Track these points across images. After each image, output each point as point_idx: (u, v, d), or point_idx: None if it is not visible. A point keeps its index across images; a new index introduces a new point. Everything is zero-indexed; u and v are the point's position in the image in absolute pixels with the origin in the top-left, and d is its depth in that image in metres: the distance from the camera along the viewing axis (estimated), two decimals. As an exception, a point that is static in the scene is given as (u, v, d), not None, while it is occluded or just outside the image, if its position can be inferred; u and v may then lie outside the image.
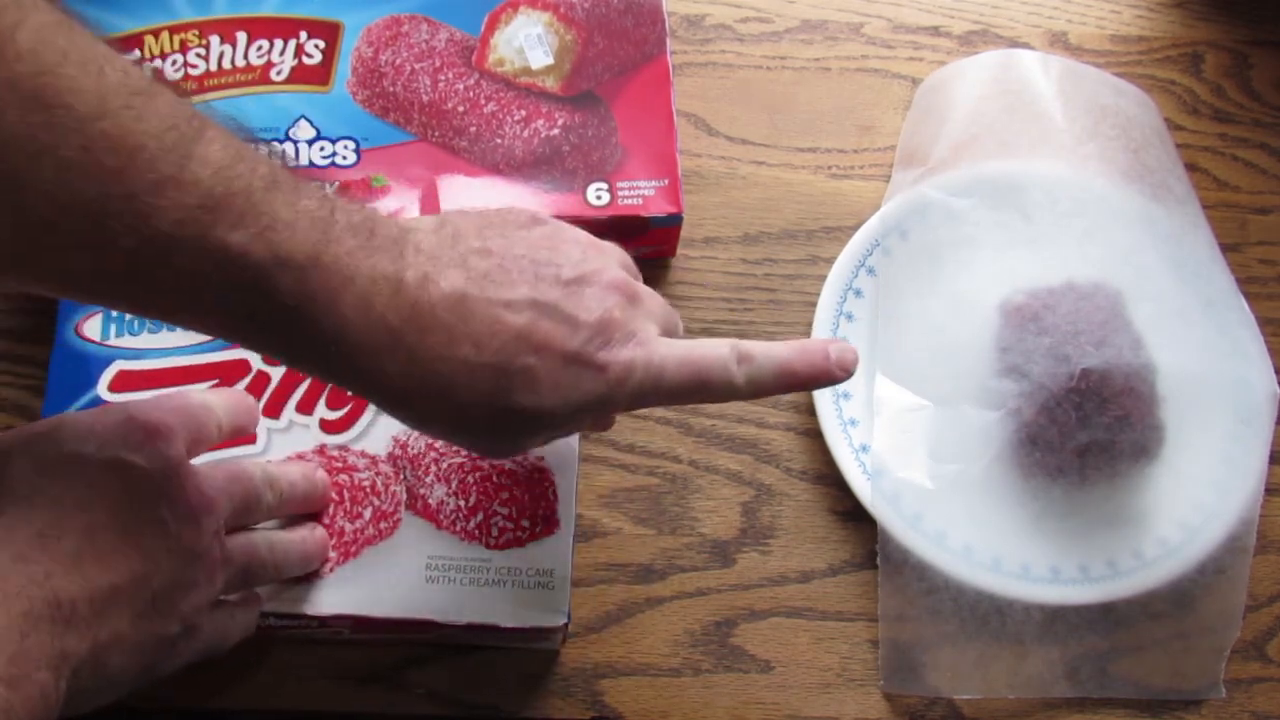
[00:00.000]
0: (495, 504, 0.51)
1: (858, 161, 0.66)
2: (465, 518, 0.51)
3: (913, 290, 0.61)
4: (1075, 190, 0.62)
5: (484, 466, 0.52)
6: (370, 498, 0.51)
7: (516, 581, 0.50)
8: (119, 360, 0.53)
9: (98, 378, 0.52)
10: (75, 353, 0.53)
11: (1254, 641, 0.58)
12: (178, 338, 0.53)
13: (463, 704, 0.54)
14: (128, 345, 0.53)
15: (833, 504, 0.59)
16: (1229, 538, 0.57)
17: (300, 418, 0.52)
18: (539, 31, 0.62)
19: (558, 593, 0.50)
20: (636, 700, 0.55)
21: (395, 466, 0.52)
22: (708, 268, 0.63)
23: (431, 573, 0.50)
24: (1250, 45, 0.70)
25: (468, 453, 0.52)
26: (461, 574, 0.50)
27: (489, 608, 0.50)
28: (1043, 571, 0.56)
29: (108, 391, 0.52)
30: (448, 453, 0.52)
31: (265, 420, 0.52)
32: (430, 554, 0.50)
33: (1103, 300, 0.57)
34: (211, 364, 0.53)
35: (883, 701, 0.56)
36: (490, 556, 0.50)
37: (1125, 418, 0.55)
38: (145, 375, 0.52)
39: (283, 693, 0.54)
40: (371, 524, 0.50)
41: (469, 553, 0.50)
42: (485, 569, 0.50)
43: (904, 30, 0.69)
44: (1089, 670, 0.56)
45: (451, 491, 0.51)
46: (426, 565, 0.50)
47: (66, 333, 0.53)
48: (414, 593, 0.49)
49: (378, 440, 0.52)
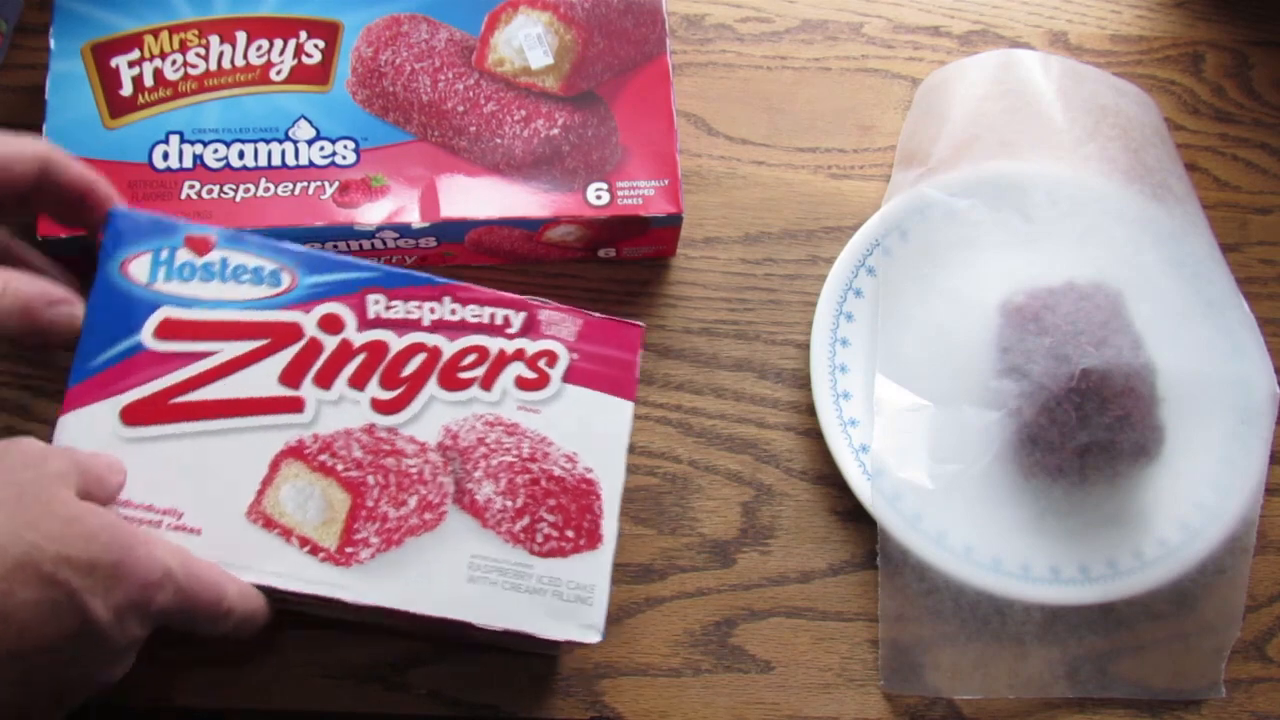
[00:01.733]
0: (543, 510, 0.50)
1: (858, 161, 0.66)
2: (512, 519, 0.50)
3: (913, 290, 0.61)
4: (1075, 190, 0.62)
5: (533, 470, 0.51)
6: (416, 485, 0.49)
7: (556, 592, 0.49)
8: (166, 306, 0.48)
9: (142, 323, 0.48)
10: (118, 293, 0.48)
11: (1254, 641, 0.58)
12: (230, 290, 0.49)
13: (463, 704, 0.54)
14: (176, 291, 0.49)
15: (833, 504, 0.59)
16: (1229, 538, 0.57)
17: (351, 392, 0.49)
18: (539, 31, 0.62)
19: (595, 609, 0.49)
20: (636, 700, 0.55)
21: (445, 457, 0.50)
22: (708, 268, 0.63)
23: (474, 572, 0.49)
24: (1250, 45, 0.70)
25: (518, 451, 0.51)
26: (504, 577, 0.49)
27: (528, 616, 0.49)
28: (1043, 571, 0.56)
29: (153, 339, 0.48)
30: (498, 449, 0.51)
31: (315, 390, 0.49)
32: (474, 553, 0.49)
33: (1103, 300, 0.57)
34: (262, 323, 0.49)
35: (883, 701, 0.56)
36: (533, 563, 0.49)
37: (1125, 418, 0.55)
38: (193, 326, 0.48)
39: (283, 693, 0.54)
40: (416, 513, 0.49)
41: (512, 556, 0.49)
42: (528, 575, 0.49)
43: (904, 30, 0.69)
44: (1089, 670, 0.56)
45: (500, 490, 0.50)
46: (469, 564, 0.49)
47: (110, 270, 0.48)
48: (455, 591, 0.48)
49: (429, 427, 0.50)
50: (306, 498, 0.47)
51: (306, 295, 0.49)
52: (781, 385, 0.61)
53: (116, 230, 0.48)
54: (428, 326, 0.50)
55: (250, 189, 0.57)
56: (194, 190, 0.57)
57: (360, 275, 0.50)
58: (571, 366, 0.51)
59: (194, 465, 0.47)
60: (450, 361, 0.51)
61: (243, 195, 0.57)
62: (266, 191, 0.57)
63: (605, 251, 0.62)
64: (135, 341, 0.48)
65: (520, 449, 0.51)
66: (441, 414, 0.50)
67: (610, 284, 0.62)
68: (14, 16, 0.64)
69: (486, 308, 0.51)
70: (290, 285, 0.50)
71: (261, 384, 0.48)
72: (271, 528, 0.47)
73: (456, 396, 0.50)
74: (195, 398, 0.47)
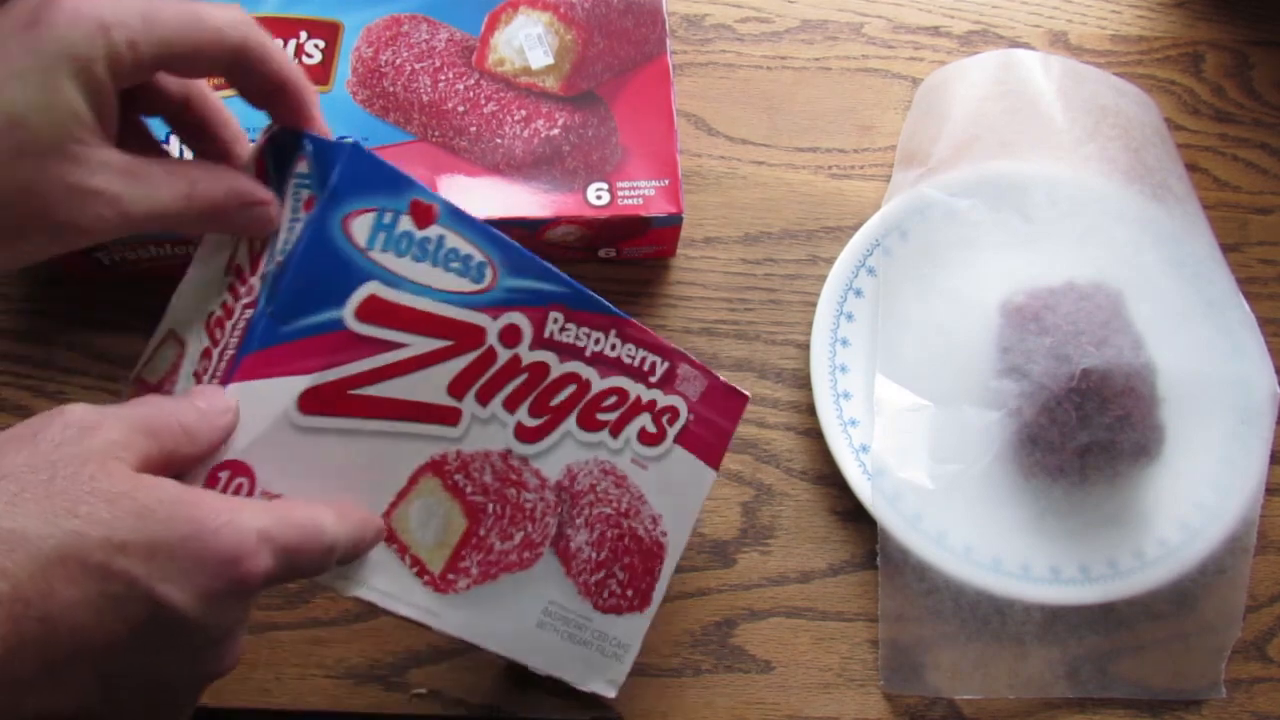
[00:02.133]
0: (617, 567, 0.49)
1: (858, 161, 0.66)
2: (590, 571, 0.49)
3: (913, 290, 0.61)
4: (1075, 190, 0.62)
5: (623, 525, 0.49)
6: (525, 522, 0.46)
7: (600, 647, 0.49)
8: (375, 281, 0.40)
9: (348, 295, 0.39)
10: (333, 252, 0.39)
11: (1254, 641, 0.58)
12: (437, 276, 0.42)
13: (463, 704, 0.54)
14: (389, 265, 0.40)
15: (833, 504, 0.59)
16: (1229, 538, 0.57)
17: (502, 413, 0.45)
18: (539, 31, 0.62)
19: (623, 667, 0.50)
20: (636, 700, 0.55)
21: (559, 497, 0.47)
22: (708, 268, 0.63)
23: (544, 619, 0.47)
24: (1250, 45, 0.70)
25: (617, 505, 0.49)
26: (566, 627, 0.48)
27: (573, 666, 0.48)
28: (1043, 571, 0.56)
29: (354, 318, 0.40)
30: (602, 499, 0.49)
31: (473, 405, 0.44)
32: (551, 599, 0.47)
33: (1103, 300, 0.57)
34: (454, 321, 0.43)
35: (883, 701, 0.56)
36: (593, 617, 0.49)
37: (1126, 418, 0.55)
38: (395, 312, 0.41)
39: (283, 692, 0.54)
40: (517, 550, 0.46)
41: (578, 608, 0.48)
42: (585, 628, 0.49)
43: (904, 30, 0.69)
44: (1089, 670, 0.56)
45: (590, 541, 0.48)
46: (544, 610, 0.47)
47: (332, 221, 0.39)
48: (523, 634, 0.47)
49: (555, 464, 0.47)
50: (430, 516, 0.43)
51: (500, 299, 0.44)
52: (781, 385, 0.61)
53: (351, 173, 0.39)
54: (587, 357, 0.47)
55: (250, 189, 0.57)
56: (194, 190, 0.57)
57: (552, 288, 0.45)
58: (686, 427, 0.50)
59: (342, 466, 0.40)
60: (594, 399, 0.48)
61: (243, 195, 0.57)
62: (266, 191, 0.57)
63: (605, 251, 0.62)
64: (337, 316, 0.39)
65: (620, 503, 0.49)
66: (570, 452, 0.47)
67: (610, 284, 0.62)
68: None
69: (641, 350, 0.48)
70: (490, 284, 0.43)
71: (432, 389, 0.42)
72: (391, 543, 0.42)
73: (588, 437, 0.48)
74: (372, 392, 0.41)
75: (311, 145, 0.40)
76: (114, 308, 0.60)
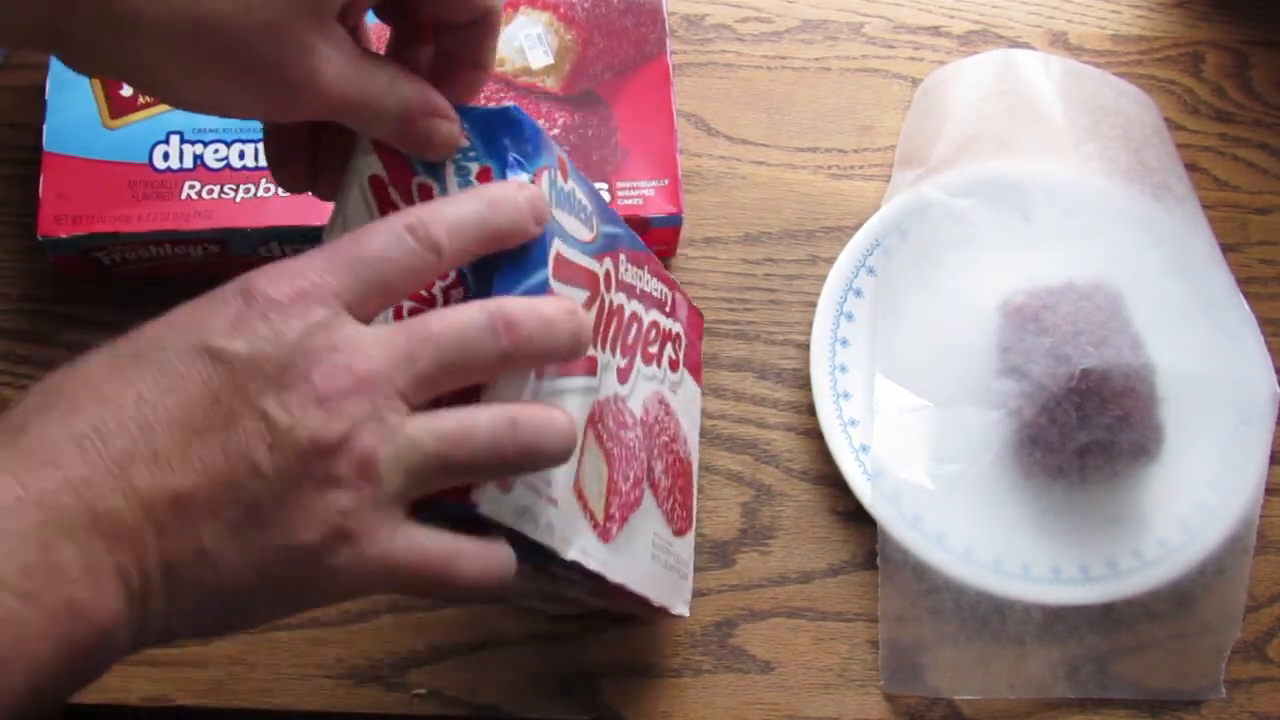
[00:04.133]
0: (677, 489, 0.50)
1: (858, 161, 0.66)
2: (666, 497, 0.49)
3: (913, 290, 0.61)
4: (1075, 190, 0.62)
5: (677, 451, 0.50)
6: (633, 461, 0.46)
7: (678, 570, 0.50)
8: (558, 239, 0.39)
9: (547, 254, 0.38)
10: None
11: (1254, 642, 0.58)
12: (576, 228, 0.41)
13: (463, 704, 0.54)
14: (560, 220, 0.40)
15: (833, 504, 0.59)
16: (1229, 538, 0.57)
17: (611, 358, 0.44)
18: (539, 31, 0.62)
19: (689, 585, 0.51)
20: (636, 700, 0.55)
21: (646, 431, 0.47)
22: (708, 268, 0.63)
23: (654, 550, 0.48)
24: (1250, 45, 0.70)
25: (672, 432, 0.49)
26: (663, 554, 0.48)
27: (671, 593, 0.49)
28: (1043, 571, 0.56)
29: (554, 278, 0.38)
30: (663, 429, 0.48)
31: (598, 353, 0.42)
32: (655, 531, 0.47)
33: (1103, 300, 0.57)
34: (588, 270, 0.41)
35: (883, 702, 0.56)
36: (673, 541, 0.50)
37: (1125, 418, 0.55)
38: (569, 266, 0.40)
39: (283, 693, 0.54)
40: (633, 488, 0.46)
41: (665, 534, 0.49)
42: (670, 553, 0.49)
43: (904, 30, 0.69)
44: (1089, 670, 0.56)
45: (664, 469, 0.48)
46: (652, 542, 0.47)
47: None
48: (647, 569, 0.46)
49: (637, 401, 0.46)
50: (593, 468, 0.42)
51: (600, 246, 0.43)
52: (781, 385, 0.61)
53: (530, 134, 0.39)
54: (638, 294, 0.47)
55: (251, 189, 0.57)
56: (194, 190, 0.57)
57: (620, 231, 0.45)
58: (685, 350, 0.52)
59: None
60: (645, 334, 0.47)
61: (243, 195, 0.57)
62: (267, 192, 0.57)
63: (605, 251, 0.62)
64: (544, 277, 0.38)
65: (670, 430, 0.50)
66: (642, 388, 0.47)
67: (610, 284, 0.62)
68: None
69: (660, 283, 0.49)
70: (595, 233, 0.43)
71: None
72: (580, 501, 0.41)
73: (648, 371, 0.47)
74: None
75: (469, 119, 0.39)
76: (114, 308, 0.60)
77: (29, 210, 0.57)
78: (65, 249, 0.56)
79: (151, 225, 0.56)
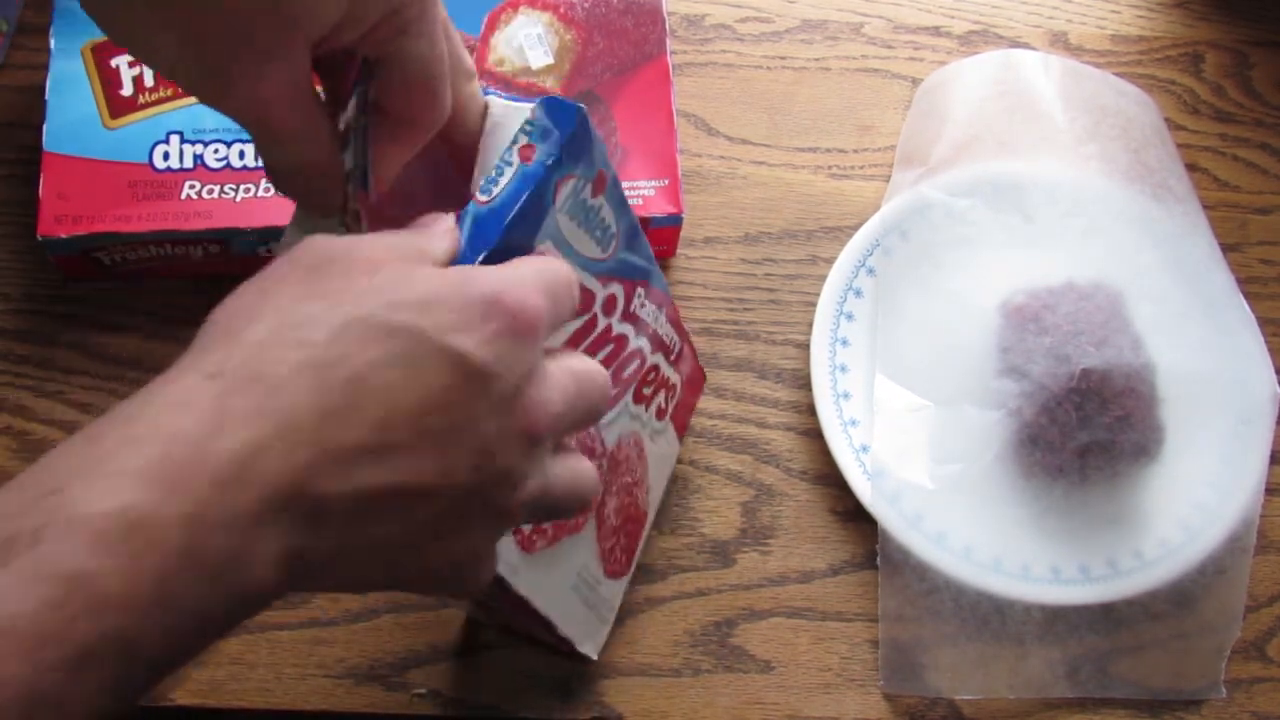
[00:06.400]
0: (623, 533, 0.50)
1: (858, 161, 0.66)
2: (608, 536, 0.49)
3: (913, 290, 0.61)
4: (1075, 190, 0.62)
5: (634, 494, 0.50)
6: None
7: (598, 611, 0.50)
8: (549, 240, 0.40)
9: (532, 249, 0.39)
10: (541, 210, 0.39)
11: (1254, 641, 0.58)
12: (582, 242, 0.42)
13: (463, 704, 0.54)
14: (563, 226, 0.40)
15: (833, 504, 0.59)
16: (1229, 538, 0.57)
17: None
18: (539, 31, 0.62)
19: (606, 630, 0.51)
20: (636, 700, 0.55)
21: (611, 466, 0.47)
22: (708, 268, 0.63)
23: (577, 581, 0.48)
24: (1250, 45, 0.70)
25: (635, 476, 0.49)
26: (585, 590, 0.48)
27: (582, 629, 0.49)
28: (1043, 571, 0.56)
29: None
30: (628, 469, 0.49)
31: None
32: (584, 563, 0.48)
33: (1103, 300, 0.57)
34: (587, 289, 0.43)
35: (883, 702, 0.56)
36: (602, 581, 0.50)
37: (1126, 418, 0.55)
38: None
39: (283, 692, 0.54)
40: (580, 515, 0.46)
41: (595, 571, 0.49)
42: (594, 591, 0.49)
43: (904, 30, 0.69)
44: (1089, 670, 0.56)
45: (615, 508, 0.49)
46: (578, 573, 0.48)
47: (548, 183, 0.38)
48: (561, 597, 0.47)
49: (612, 434, 0.46)
50: None
51: (610, 269, 0.43)
52: (781, 385, 0.61)
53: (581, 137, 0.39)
54: (649, 334, 0.47)
55: (251, 189, 0.57)
56: (194, 190, 0.57)
57: (645, 264, 0.45)
58: (676, 403, 0.52)
59: None
60: (645, 374, 0.48)
61: (243, 195, 0.57)
62: (267, 192, 0.57)
63: (605, 251, 0.62)
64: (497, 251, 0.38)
65: (636, 473, 0.50)
66: (623, 424, 0.47)
67: (610, 284, 0.62)
68: (14, 16, 0.64)
69: (672, 329, 0.49)
70: (610, 254, 0.43)
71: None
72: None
73: (634, 410, 0.48)
74: None
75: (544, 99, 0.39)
76: (114, 308, 0.60)
77: (29, 210, 0.57)
78: (65, 249, 0.56)
79: (152, 225, 0.56)
